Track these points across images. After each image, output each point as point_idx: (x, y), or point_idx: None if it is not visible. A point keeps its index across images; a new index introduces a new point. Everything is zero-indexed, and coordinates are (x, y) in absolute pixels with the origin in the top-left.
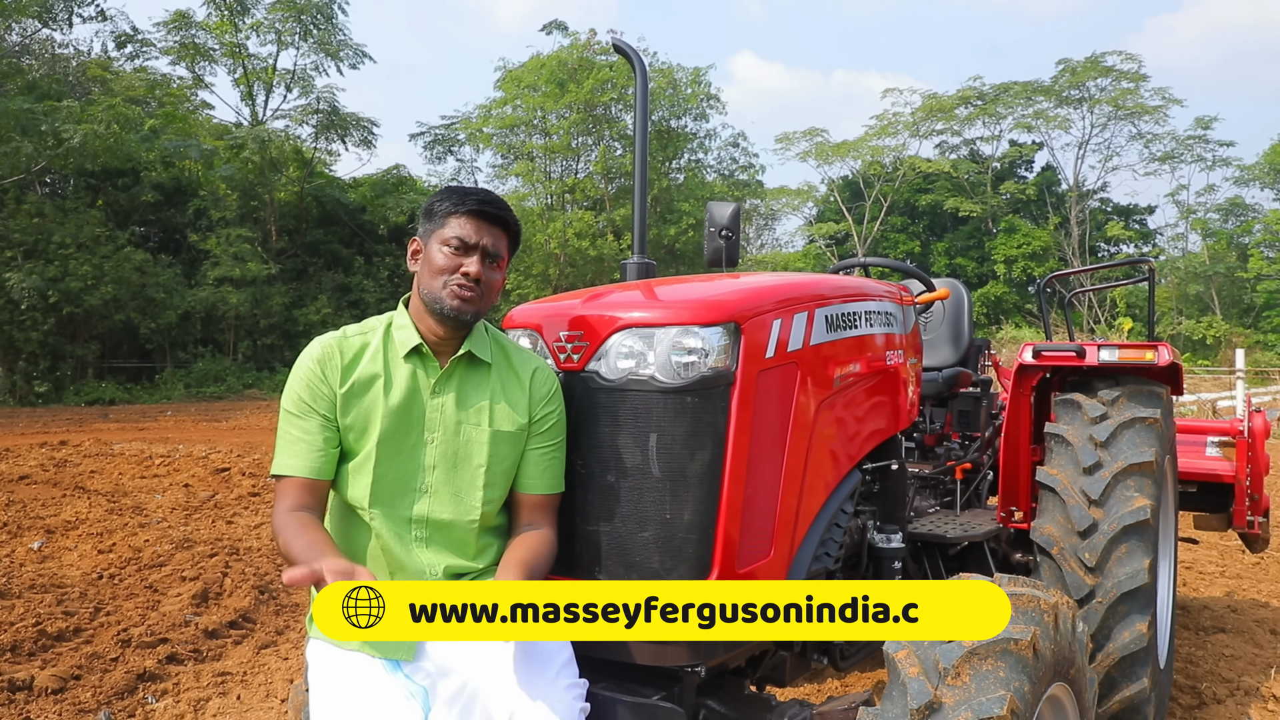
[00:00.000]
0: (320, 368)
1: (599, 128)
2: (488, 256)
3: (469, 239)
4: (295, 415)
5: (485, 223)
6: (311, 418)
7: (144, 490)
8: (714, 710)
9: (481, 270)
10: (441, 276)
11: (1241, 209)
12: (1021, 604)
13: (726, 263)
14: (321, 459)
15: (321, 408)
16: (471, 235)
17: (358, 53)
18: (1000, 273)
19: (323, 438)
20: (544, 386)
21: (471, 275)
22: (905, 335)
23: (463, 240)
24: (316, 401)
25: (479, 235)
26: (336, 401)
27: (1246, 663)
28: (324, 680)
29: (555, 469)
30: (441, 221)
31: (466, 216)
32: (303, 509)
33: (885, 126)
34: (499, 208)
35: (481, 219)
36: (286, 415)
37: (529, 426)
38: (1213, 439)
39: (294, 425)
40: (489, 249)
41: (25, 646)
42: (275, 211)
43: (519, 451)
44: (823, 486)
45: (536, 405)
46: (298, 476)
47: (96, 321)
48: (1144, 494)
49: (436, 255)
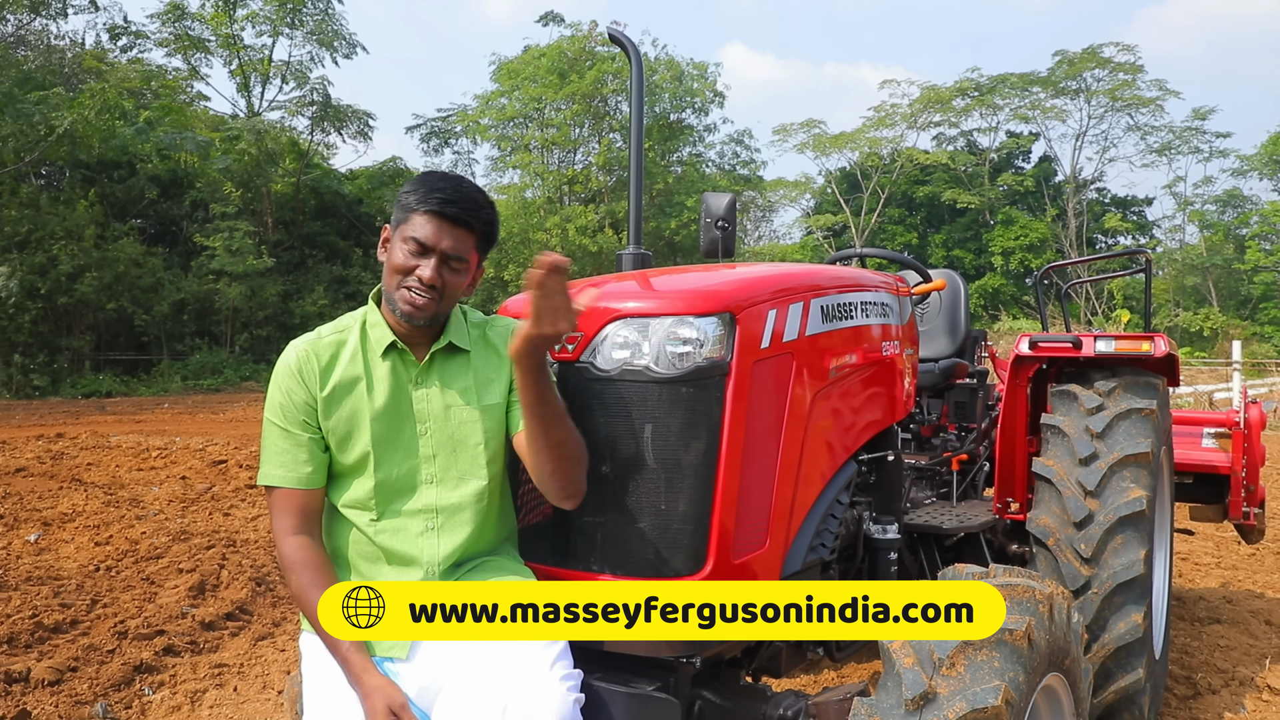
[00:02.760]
0: (298, 374)
1: (599, 121)
2: (448, 259)
3: (427, 241)
4: (279, 425)
5: (448, 224)
6: (296, 427)
7: (141, 482)
8: (709, 701)
9: (438, 275)
10: (398, 276)
11: (1239, 201)
12: (1017, 595)
13: (722, 254)
14: (311, 469)
15: (305, 415)
16: (430, 238)
17: (351, 43)
18: (997, 264)
19: (310, 447)
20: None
21: (425, 280)
22: (901, 326)
23: (420, 242)
24: (300, 409)
25: (439, 238)
26: (318, 407)
27: (1241, 653)
28: (317, 673)
29: None
30: (406, 215)
31: (428, 216)
32: (303, 532)
33: (883, 118)
34: (465, 209)
35: (444, 220)
36: (270, 425)
37: (510, 388)
38: (1209, 430)
39: (279, 436)
40: (449, 252)
41: (22, 638)
42: (272, 203)
43: (503, 412)
44: (818, 477)
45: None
46: (289, 488)
47: (90, 312)
48: (1140, 485)
49: (396, 252)
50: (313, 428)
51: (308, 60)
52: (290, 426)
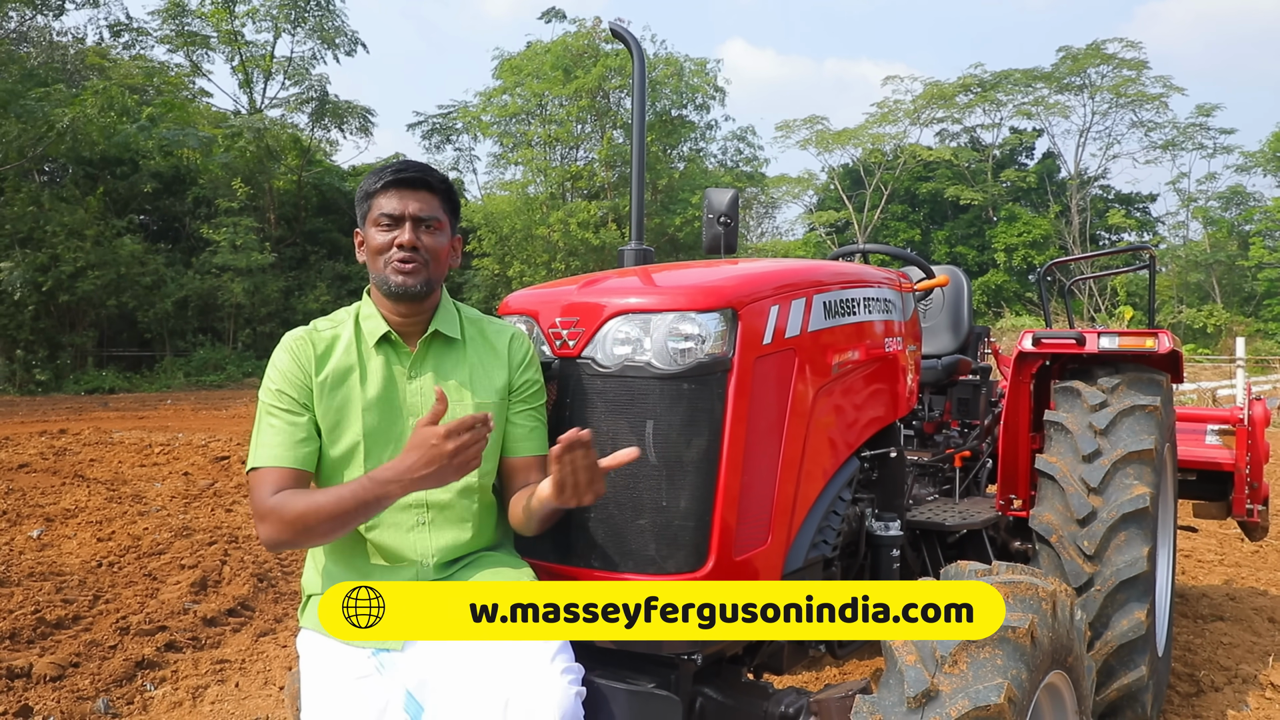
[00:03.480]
0: (294, 358)
1: (601, 117)
2: (420, 223)
3: (394, 211)
4: (275, 406)
5: (408, 189)
6: (291, 409)
7: (143, 478)
8: (711, 698)
9: (415, 238)
10: (381, 256)
11: (1243, 197)
12: (1019, 592)
13: (725, 250)
14: (305, 450)
15: (302, 398)
16: (396, 207)
17: (352, 39)
18: (1000, 261)
19: (305, 429)
20: (520, 351)
21: (406, 244)
22: (904, 322)
23: (389, 215)
24: (296, 391)
25: (404, 205)
26: (313, 390)
27: (1245, 651)
28: (315, 672)
29: (541, 431)
30: (369, 204)
31: (386, 192)
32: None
33: (886, 114)
34: (419, 171)
35: (403, 187)
36: (265, 408)
37: (510, 394)
38: (1212, 427)
39: (275, 416)
40: (418, 215)
41: (24, 634)
42: (274, 199)
43: (504, 418)
44: (820, 474)
45: (516, 371)
46: (279, 467)
47: (92, 309)
48: (1143, 482)
49: (372, 237)
50: (309, 411)
51: (309, 57)
52: (286, 408)
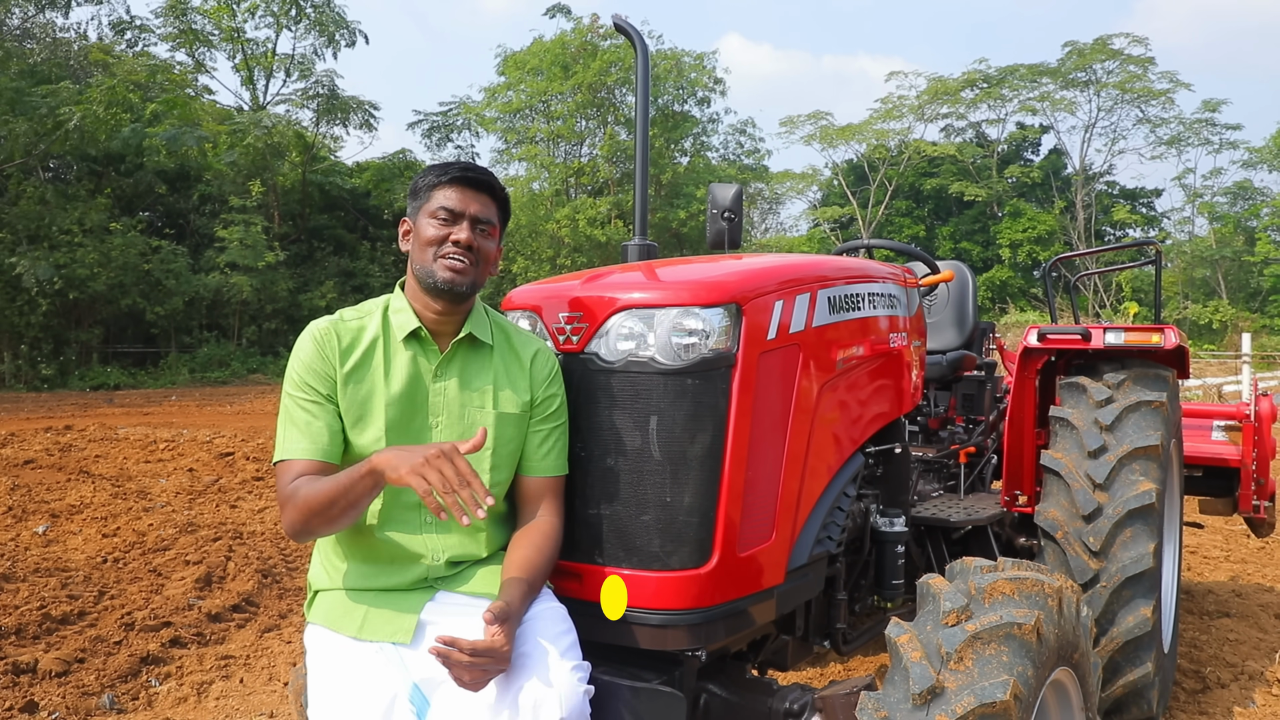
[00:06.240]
0: (319, 349)
1: (603, 112)
2: (478, 224)
3: (455, 207)
4: (301, 397)
5: (471, 190)
6: (317, 401)
7: (148, 474)
8: (715, 694)
9: (472, 237)
10: (432, 248)
11: (1249, 192)
12: (1025, 588)
13: (729, 245)
14: (331, 441)
15: (325, 389)
16: (458, 204)
17: (353, 31)
18: (1005, 256)
19: (330, 420)
20: (545, 368)
21: (462, 242)
22: (909, 318)
23: (449, 209)
24: (320, 383)
25: (465, 203)
26: (337, 380)
27: (1251, 647)
28: (322, 666)
29: (559, 450)
30: (427, 196)
31: (451, 186)
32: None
33: (890, 110)
34: (483, 174)
35: (467, 186)
36: (290, 399)
37: (532, 409)
38: (1219, 423)
39: (300, 408)
40: (478, 216)
41: (29, 630)
42: (279, 197)
43: (523, 433)
44: (825, 470)
45: (539, 387)
46: (306, 459)
47: (101, 306)
48: (1149, 478)
49: (426, 228)
50: (333, 401)
51: (311, 54)
52: (311, 399)
